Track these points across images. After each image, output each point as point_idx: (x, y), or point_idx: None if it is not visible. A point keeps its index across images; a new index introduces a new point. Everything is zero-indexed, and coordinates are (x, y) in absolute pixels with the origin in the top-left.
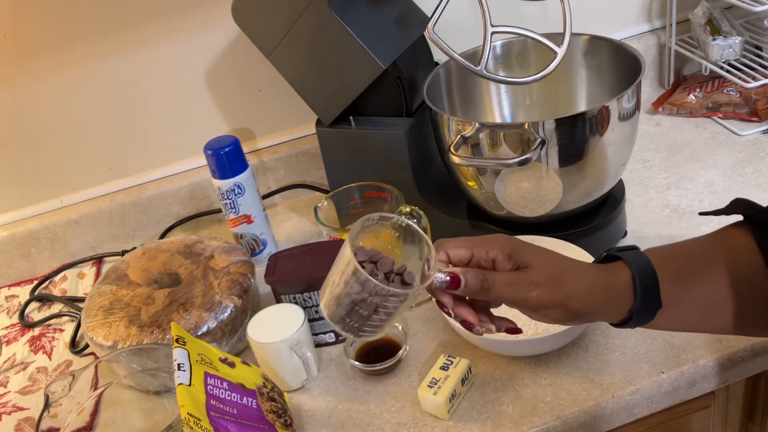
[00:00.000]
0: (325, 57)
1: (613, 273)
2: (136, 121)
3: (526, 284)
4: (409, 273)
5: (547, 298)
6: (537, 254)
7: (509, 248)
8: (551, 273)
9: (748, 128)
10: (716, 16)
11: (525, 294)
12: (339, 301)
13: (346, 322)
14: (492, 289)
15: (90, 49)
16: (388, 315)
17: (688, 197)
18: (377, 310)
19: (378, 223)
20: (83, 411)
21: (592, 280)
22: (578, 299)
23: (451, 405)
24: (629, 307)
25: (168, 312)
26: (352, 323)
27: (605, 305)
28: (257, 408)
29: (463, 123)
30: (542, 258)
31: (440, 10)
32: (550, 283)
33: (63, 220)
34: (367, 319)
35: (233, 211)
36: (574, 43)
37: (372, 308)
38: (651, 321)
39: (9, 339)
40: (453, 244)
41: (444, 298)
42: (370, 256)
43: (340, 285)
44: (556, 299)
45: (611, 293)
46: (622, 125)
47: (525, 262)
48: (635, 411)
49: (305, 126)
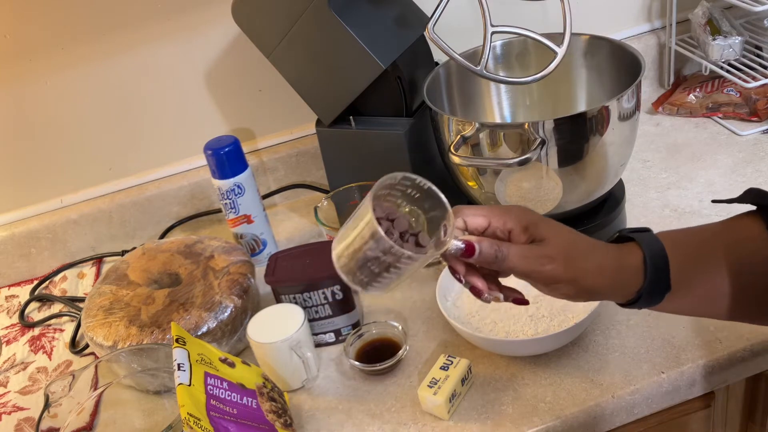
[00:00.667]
0: (325, 57)
1: (625, 253)
2: (136, 121)
3: (540, 258)
4: (423, 235)
5: (559, 273)
6: (553, 229)
7: (526, 221)
8: (565, 249)
9: (748, 128)
10: (716, 16)
11: (538, 267)
12: (352, 255)
13: (356, 275)
14: (506, 260)
15: (90, 49)
16: (398, 274)
17: (688, 197)
18: (389, 269)
19: (400, 183)
20: (83, 411)
21: (604, 258)
22: (589, 277)
23: (451, 405)
24: (638, 287)
25: (168, 312)
26: (362, 278)
27: (615, 284)
28: (257, 408)
29: (463, 123)
30: (557, 233)
31: (440, 10)
32: (563, 259)
33: (63, 220)
34: (378, 276)
35: (233, 211)
36: (574, 43)
37: (384, 266)
38: (659, 303)
39: (9, 339)
40: (471, 212)
41: (457, 264)
42: (387, 213)
43: (357, 240)
44: (568, 275)
45: (622, 273)
46: (622, 125)
47: (540, 236)
48: (635, 411)
49: (305, 126)
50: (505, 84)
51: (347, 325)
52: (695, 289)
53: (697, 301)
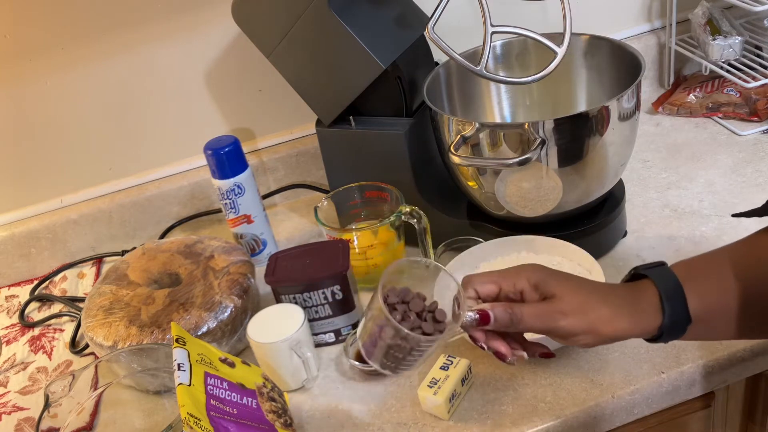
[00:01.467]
0: (325, 57)
1: (640, 293)
2: (136, 121)
3: (553, 314)
4: (440, 311)
5: (575, 325)
6: (562, 283)
7: (535, 279)
8: (577, 301)
9: (748, 128)
10: (716, 16)
11: (553, 324)
12: (375, 344)
13: (384, 362)
14: (521, 322)
15: (90, 49)
16: (421, 354)
17: (688, 197)
18: (411, 352)
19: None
20: (83, 411)
21: (617, 303)
22: (606, 324)
23: (451, 405)
24: (658, 324)
25: (168, 312)
26: (390, 364)
27: (634, 326)
28: (257, 408)
29: (463, 123)
30: (568, 287)
31: (440, 10)
32: (577, 312)
33: (63, 220)
34: (403, 360)
35: (233, 211)
36: (574, 43)
37: (406, 351)
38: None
39: (9, 339)
40: (480, 280)
41: (476, 333)
42: (402, 296)
43: (375, 330)
44: (584, 326)
45: (640, 314)
46: (622, 125)
47: (551, 292)
48: (635, 411)
49: (305, 126)
50: (505, 84)
51: (347, 325)
52: (717, 314)
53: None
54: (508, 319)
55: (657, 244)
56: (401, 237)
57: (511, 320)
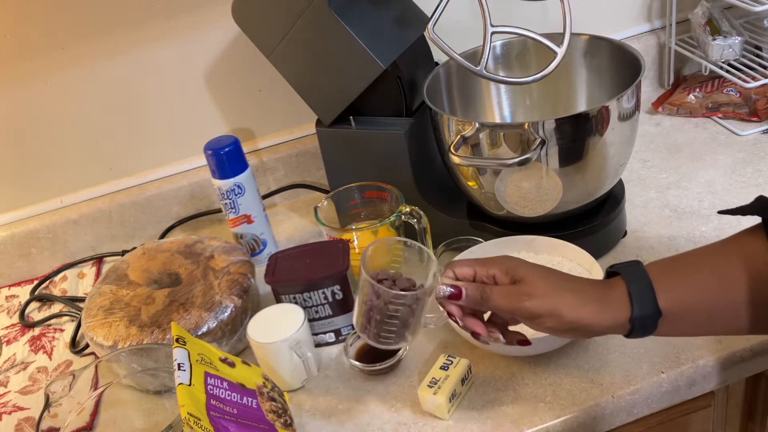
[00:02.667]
0: (325, 57)
1: (609, 287)
2: (136, 121)
3: (520, 295)
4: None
5: (539, 307)
6: (532, 270)
7: (506, 266)
8: (543, 285)
9: (748, 128)
10: (716, 16)
11: (519, 304)
12: (360, 311)
13: (367, 328)
14: (490, 299)
15: (90, 49)
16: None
17: (688, 197)
18: (391, 317)
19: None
20: (83, 411)
21: (584, 293)
22: (570, 310)
23: (451, 405)
24: (628, 317)
25: (168, 312)
26: (373, 330)
27: (600, 316)
28: (257, 408)
29: (463, 123)
30: (537, 273)
31: (440, 10)
32: (542, 295)
33: (63, 220)
34: (383, 324)
35: (233, 211)
36: (574, 43)
37: (384, 314)
38: (656, 330)
39: (9, 339)
40: (458, 264)
41: (452, 308)
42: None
43: (360, 296)
44: (547, 309)
45: (606, 305)
46: (622, 125)
47: (519, 276)
48: (635, 411)
49: (305, 126)
50: (505, 84)
51: (347, 325)
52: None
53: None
54: (479, 296)
55: (657, 244)
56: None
57: (481, 297)
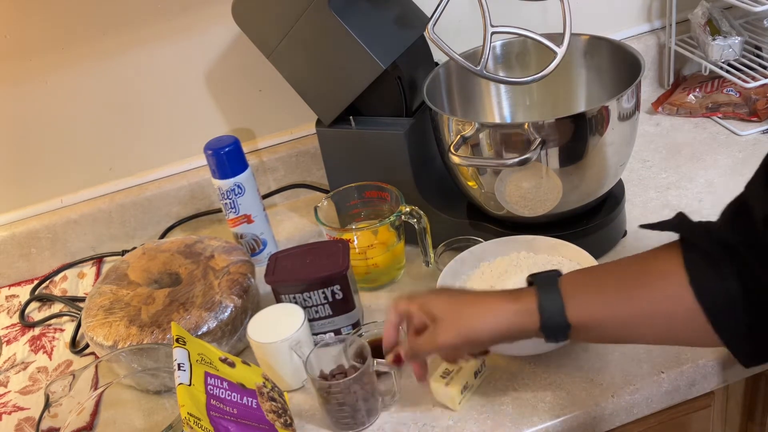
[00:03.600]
0: (325, 57)
1: (520, 296)
2: (136, 121)
3: (433, 336)
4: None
5: (449, 334)
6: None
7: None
8: (448, 310)
9: (748, 128)
10: (716, 16)
11: (435, 345)
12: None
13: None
14: (419, 352)
15: (90, 49)
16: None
17: (687, 197)
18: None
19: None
20: (83, 411)
21: (488, 304)
22: (474, 319)
23: (462, 396)
24: (538, 326)
25: (168, 312)
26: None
27: (507, 322)
28: (257, 408)
29: (463, 123)
30: (440, 302)
31: (440, 10)
32: (448, 319)
33: (63, 220)
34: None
35: (233, 211)
36: (574, 43)
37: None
38: (566, 339)
39: (9, 339)
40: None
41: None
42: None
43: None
44: (458, 332)
45: (512, 313)
46: (622, 125)
47: (432, 314)
48: (635, 411)
49: (305, 126)
50: (505, 84)
51: (347, 325)
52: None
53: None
54: (411, 354)
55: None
56: (401, 237)
57: (413, 354)
